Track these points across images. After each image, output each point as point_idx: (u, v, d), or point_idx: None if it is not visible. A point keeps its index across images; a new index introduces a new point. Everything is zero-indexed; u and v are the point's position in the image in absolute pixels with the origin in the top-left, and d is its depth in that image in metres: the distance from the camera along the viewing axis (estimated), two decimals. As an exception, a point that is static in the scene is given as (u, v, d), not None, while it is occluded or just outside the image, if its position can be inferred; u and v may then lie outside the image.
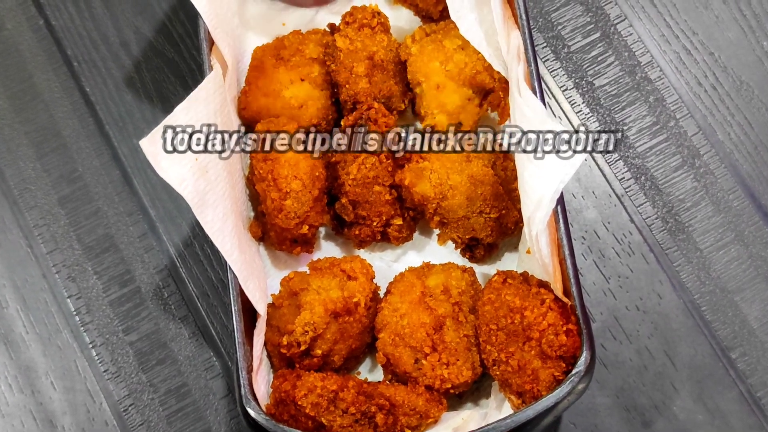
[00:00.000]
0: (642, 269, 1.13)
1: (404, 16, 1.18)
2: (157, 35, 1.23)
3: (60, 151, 1.20)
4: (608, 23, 1.21)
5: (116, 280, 1.15)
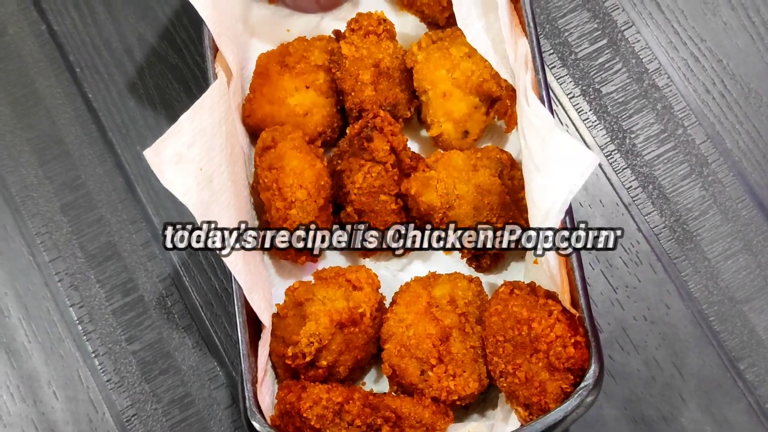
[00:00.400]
0: (650, 279, 1.12)
1: (410, 22, 1.17)
2: (161, 41, 1.22)
3: (62, 158, 1.19)
4: (615, 30, 1.20)
5: (119, 288, 1.14)
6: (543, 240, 0.91)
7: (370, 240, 1.03)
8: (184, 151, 0.91)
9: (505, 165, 1.05)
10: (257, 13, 1.17)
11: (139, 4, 1.23)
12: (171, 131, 0.91)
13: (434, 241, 1.03)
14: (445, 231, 1.01)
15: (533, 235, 0.91)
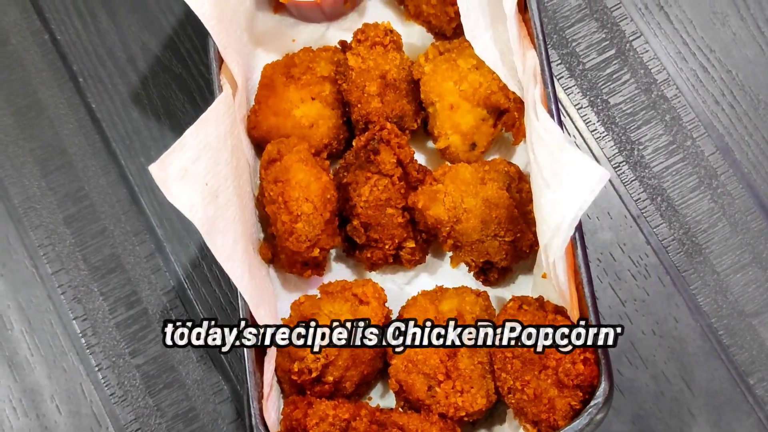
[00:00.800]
0: (658, 292, 1.11)
1: (416, 32, 1.16)
2: (165, 50, 1.21)
3: (66, 169, 1.18)
4: (623, 40, 1.19)
5: (123, 301, 1.13)
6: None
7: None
8: (190, 165, 0.90)
9: (513, 178, 1.04)
10: (262, 23, 1.15)
11: (143, 13, 1.22)
12: (176, 146, 0.90)
13: (434, 338, 0.98)
14: (445, 327, 0.98)
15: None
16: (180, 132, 1.14)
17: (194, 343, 1.05)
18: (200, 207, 0.90)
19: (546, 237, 0.92)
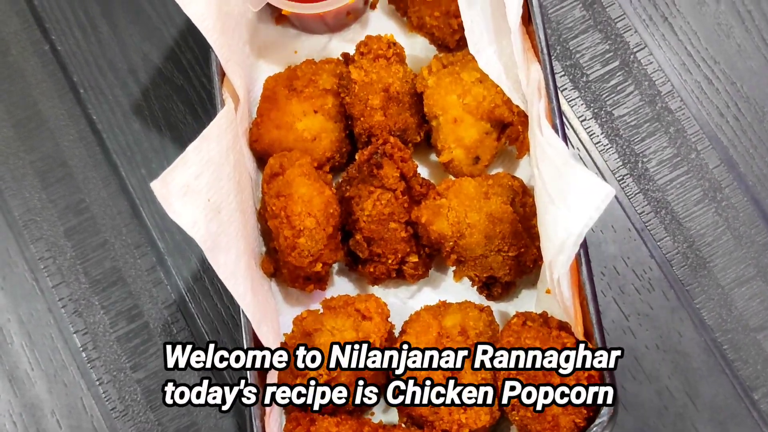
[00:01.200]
0: (662, 306, 1.10)
1: (419, 44, 1.15)
2: (166, 62, 1.20)
3: (66, 181, 1.17)
4: (628, 51, 1.18)
5: (124, 315, 1.12)
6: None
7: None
8: (192, 181, 0.90)
9: (517, 192, 1.04)
10: (264, 34, 1.15)
11: (144, 24, 1.21)
12: (178, 162, 0.89)
13: (433, 395, 0.96)
14: (445, 387, 0.96)
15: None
16: (181, 143, 1.15)
17: (194, 403, 1.07)
18: (202, 224, 0.89)
19: (550, 254, 0.91)
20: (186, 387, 1.04)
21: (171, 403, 1.08)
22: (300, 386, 0.96)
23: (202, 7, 0.98)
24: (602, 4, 1.19)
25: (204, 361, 1.05)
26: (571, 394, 0.91)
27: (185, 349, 1.04)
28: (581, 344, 0.93)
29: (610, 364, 0.92)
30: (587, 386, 0.92)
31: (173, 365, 1.08)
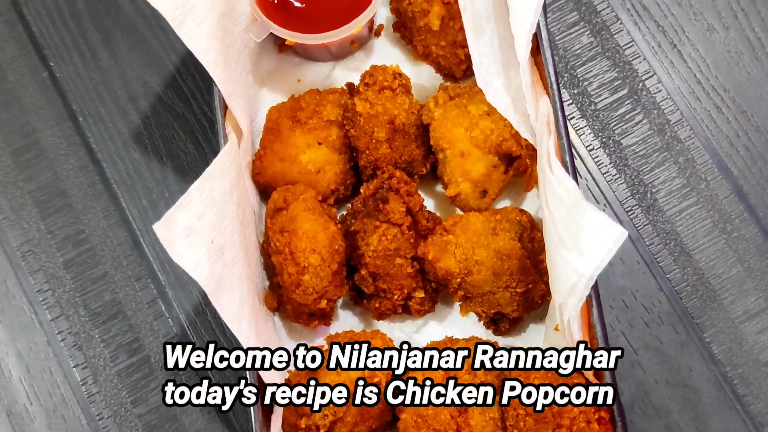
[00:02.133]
0: (671, 340, 1.09)
1: (425, 72, 1.13)
2: (167, 89, 1.18)
3: (65, 211, 1.15)
4: (636, 79, 1.16)
5: (124, 348, 1.10)
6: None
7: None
8: (195, 222, 0.88)
9: (525, 227, 1.02)
10: (267, 63, 1.13)
11: (144, 50, 1.19)
12: (181, 202, 0.87)
13: (433, 397, 0.96)
14: (444, 387, 0.96)
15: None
16: (182, 173, 1.14)
17: (194, 403, 1.06)
18: (206, 266, 0.88)
19: (561, 296, 0.89)
20: (186, 387, 1.03)
21: (171, 403, 1.07)
22: (300, 386, 0.95)
23: (204, 41, 0.96)
24: (610, 31, 1.18)
25: (204, 361, 1.03)
26: (571, 394, 0.91)
27: (185, 349, 1.02)
28: (581, 344, 0.92)
29: (610, 364, 0.90)
30: (587, 386, 0.91)
31: (173, 365, 1.06)
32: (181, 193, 1.12)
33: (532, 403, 0.92)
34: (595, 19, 1.18)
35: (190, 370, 1.09)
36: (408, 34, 1.12)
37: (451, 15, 1.06)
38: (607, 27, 1.18)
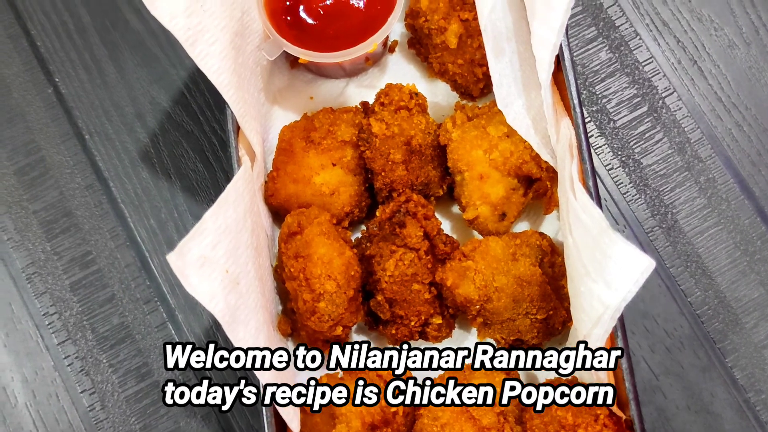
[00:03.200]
0: (693, 365, 1.06)
1: (441, 89, 1.11)
2: (175, 106, 1.15)
3: (72, 232, 1.12)
4: (656, 96, 1.14)
5: (133, 373, 1.08)
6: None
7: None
8: (209, 252, 0.85)
9: (546, 252, 0.99)
10: (279, 80, 1.10)
11: (152, 66, 1.16)
12: (195, 231, 0.84)
13: (434, 397, 0.96)
14: (444, 386, 0.95)
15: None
16: (191, 192, 1.11)
17: (194, 402, 1.04)
18: (221, 297, 0.85)
19: (586, 327, 0.87)
20: (186, 387, 1.01)
21: (171, 403, 1.05)
22: (300, 386, 0.94)
23: (217, 61, 0.93)
24: (629, 46, 1.15)
25: (204, 361, 1.01)
26: (571, 394, 0.90)
27: (185, 349, 0.99)
28: (581, 344, 0.90)
29: (610, 364, 0.88)
30: (587, 386, 0.90)
31: (173, 365, 1.04)
32: (190, 213, 1.10)
33: (532, 403, 0.92)
34: (614, 34, 1.16)
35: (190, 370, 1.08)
36: (423, 50, 1.09)
37: (468, 33, 1.03)
38: (626, 43, 1.15)
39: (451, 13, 1.03)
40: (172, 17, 0.89)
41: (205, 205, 1.09)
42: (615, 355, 0.89)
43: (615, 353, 0.89)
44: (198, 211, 1.11)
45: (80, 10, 1.17)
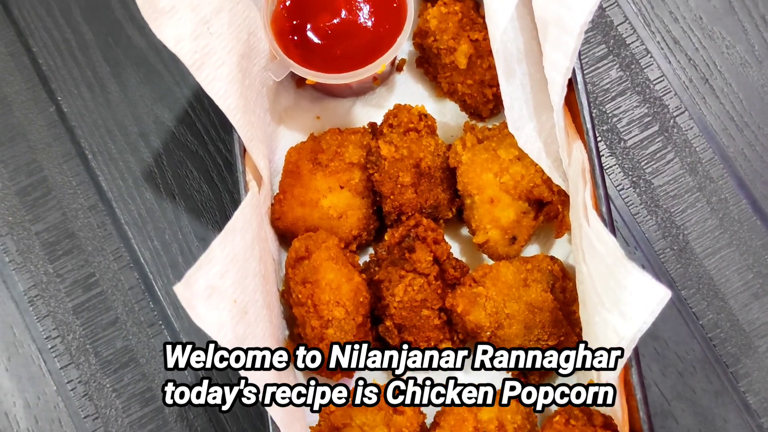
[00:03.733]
0: (705, 390, 1.05)
1: (449, 109, 1.09)
2: (179, 125, 1.13)
3: (74, 254, 1.10)
4: (667, 115, 1.12)
5: (137, 398, 1.06)
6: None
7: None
8: (217, 282, 0.83)
9: (557, 277, 0.98)
10: (285, 99, 1.08)
11: (155, 84, 1.14)
12: (202, 260, 0.82)
13: (434, 397, 0.96)
14: (445, 386, 0.96)
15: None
16: (196, 214, 1.09)
17: (194, 402, 1.03)
18: (229, 328, 0.83)
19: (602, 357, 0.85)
20: (186, 387, 0.99)
21: (171, 403, 1.04)
22: (300, 386, 0.93)
23: (224, 85, 0.91)
24: (640, 64, 1.13)
25: (204, 361, 0.99)
26: (571, 394, 0.90)
27: (185, 349, 0.98)
28: (581, 344, 0.89)
29: (610, 364, 0.86)
30: (587, 386, 0.89)
31: (173, 365, 1.03)
32: (194, 235, 1.09)
33: (532, 403, 0.93)
34: (624, 52, 1.14)
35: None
36: (432, 70, 1.08)
37: (478, 53, 1.02)
38: (637, 61, 1.14)
39: (460, 33, 1.02)
40: (178, 41, 0.87)
41: (210, 227, 1.08)
42: (615, 355, 0.88)
43: (615, 353, 0.88)
44: (203, 233, 1.10)
45: (82, 26, 1.15)
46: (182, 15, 0.87)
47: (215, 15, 0.91)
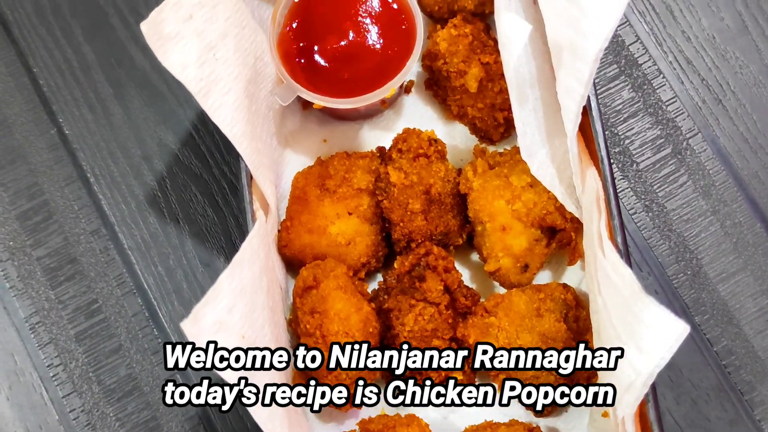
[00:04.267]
0: (720, 418, 1.03)
1: (459, 132, 1.07)
2: (183, 148, 1.11)
3: (76, 279, 1.08)
4: (680, 137, 1.10)
5: (141, 428, 1.04)
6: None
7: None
8: (225, 316, 0.81)
9: (570, 306, 0.96)
10: (291, 123, 1.06)
11: (159, 105, 1.12)
12: (210, 295, 0.80)
13: (434, 396, 0.96)
14: (444, 386, 0.95)
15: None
16: (201, 239, 1.08)
17: (194, 403, 1.02)
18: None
19: (618, 393, 0.83)
20: (186, 387, 0.98)
21: (171, 403, 1.02)
22: (300, 386, 0.92)
23: (230, 112, 0.89)
24: (652, 85, 1.11)
25: (204, 361, 0.97)
26: (571, 394, 0.89)
27: (185, 349, 0.95)
28: (581, 344, 0.89)
29: (610, 364, 0.85)
30: (587, 386, 0.88)
31: (173, 365, 1.02)
32: (199, 260, 1.07)
33: (532, 403, 0.92)
34: (636, 72, 1.12)
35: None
36: (441, 92, 1.06)
37: (489, 77, 1.00)
38: (649, 81, 1.12)
39: (471, 56, 1.00)
40: (183, 68, 0.86)
41: (215, 252, 1.06)
42: (615, 355, 0.86)
43: (615, 353, 0.86)
44: (207, 258, 1.08)
45: (84, 47, 1.13)
46: (188, 41, 0.86)
47: (221, 41, 0.89)
